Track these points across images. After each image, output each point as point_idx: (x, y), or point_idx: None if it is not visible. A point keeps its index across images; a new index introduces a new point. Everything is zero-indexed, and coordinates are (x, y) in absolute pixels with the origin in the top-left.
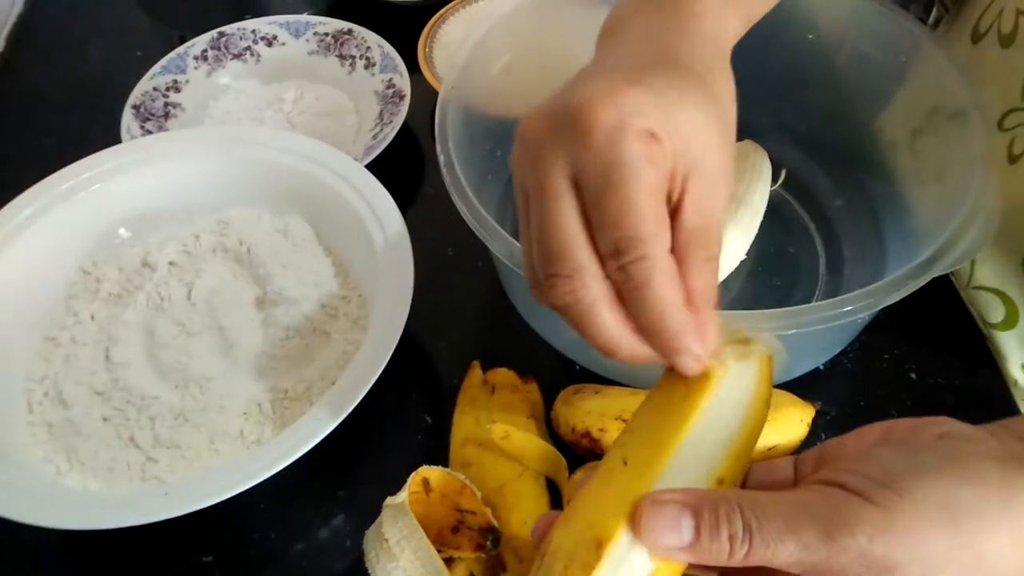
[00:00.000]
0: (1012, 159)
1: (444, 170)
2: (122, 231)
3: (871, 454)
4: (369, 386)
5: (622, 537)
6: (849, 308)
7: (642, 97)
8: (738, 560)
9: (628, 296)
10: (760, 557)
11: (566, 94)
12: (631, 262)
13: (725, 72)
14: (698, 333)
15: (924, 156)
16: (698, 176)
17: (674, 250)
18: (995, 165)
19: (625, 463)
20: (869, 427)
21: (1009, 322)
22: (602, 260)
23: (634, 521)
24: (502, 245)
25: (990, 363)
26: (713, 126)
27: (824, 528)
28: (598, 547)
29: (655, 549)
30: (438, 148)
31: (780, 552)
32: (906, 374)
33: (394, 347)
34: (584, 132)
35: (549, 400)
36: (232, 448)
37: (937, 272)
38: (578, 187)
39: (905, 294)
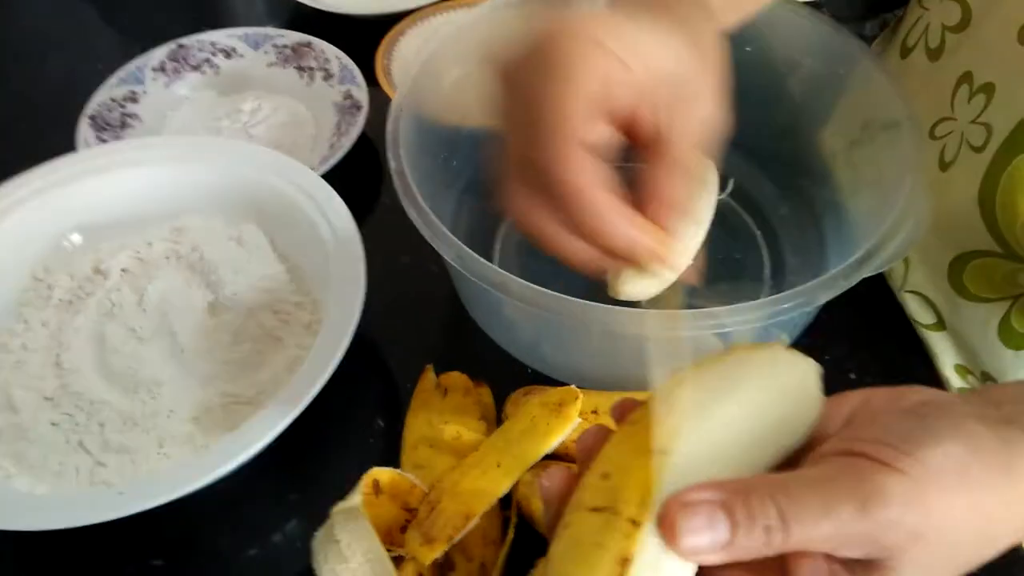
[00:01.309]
0: (943, 166)
1: (395, 177)
2: (75, 237)
3: (882, 422)
4: (318, 388)
5: (649, 546)
6: (784, 306)
7: (619, 29)
8: (775, 549)
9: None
10: (797, 542)
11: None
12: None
13: (711, 28)
14: (642, 228)
15: (860, 166)
16: (678, 107)
17: (658, 166)
18: (927, 172)
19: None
20: (844, 395)
21: (940, 324)
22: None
23: (664, 527)
24: (453, 251)
25: (926, 363)
26: (689, 57)
27: (858, 502)
28: (623, 564)
29: (690, 555)
30: (389, 155)
31: (817, 533)
32: (846, 374)
33: (344, 350)
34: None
35: (501, 403)
36: (182, 452)
37: (867, 273)
38: None
39: (836, 293)
